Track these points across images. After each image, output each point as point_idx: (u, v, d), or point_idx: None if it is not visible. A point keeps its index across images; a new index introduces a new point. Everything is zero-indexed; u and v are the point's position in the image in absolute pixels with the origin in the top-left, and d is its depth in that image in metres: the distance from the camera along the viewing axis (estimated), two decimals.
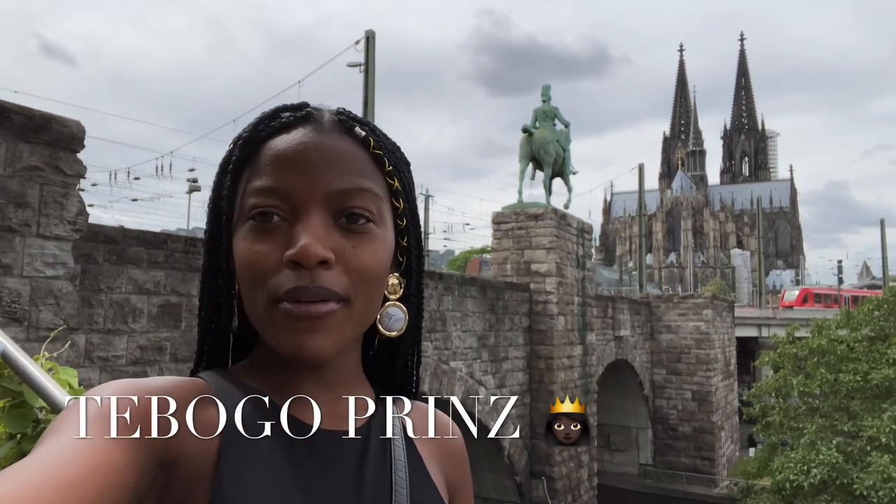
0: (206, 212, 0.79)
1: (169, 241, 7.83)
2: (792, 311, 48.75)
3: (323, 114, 0.77)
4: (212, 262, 0.79)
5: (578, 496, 17.93)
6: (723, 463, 28.74)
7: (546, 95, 19.90)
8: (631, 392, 27.63)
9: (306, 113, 0.76)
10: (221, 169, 0.77)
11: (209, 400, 0.69)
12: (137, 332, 7.32)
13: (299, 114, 0.75)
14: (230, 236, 0.75)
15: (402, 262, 0.82)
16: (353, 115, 0.79)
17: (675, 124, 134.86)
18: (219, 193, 0.77)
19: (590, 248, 20.51)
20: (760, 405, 19.78)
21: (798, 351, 19.27)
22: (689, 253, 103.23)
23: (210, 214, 0.79)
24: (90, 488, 0.51)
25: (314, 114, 0.76)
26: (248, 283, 0.70)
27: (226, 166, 0.76)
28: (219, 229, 0.77)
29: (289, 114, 0.75)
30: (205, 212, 0.81)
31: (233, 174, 0.75)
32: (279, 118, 0.75)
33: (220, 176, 0.77)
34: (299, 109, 0.76)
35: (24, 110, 5.09)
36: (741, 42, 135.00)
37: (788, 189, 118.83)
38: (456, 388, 13.72)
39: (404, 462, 0.77)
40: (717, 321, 28.87)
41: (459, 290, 14.20)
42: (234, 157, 0.75)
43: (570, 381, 17.69)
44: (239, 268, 0.72)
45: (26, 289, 5.02)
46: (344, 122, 0.76)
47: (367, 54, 17.07)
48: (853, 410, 17.08)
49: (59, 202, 5.25)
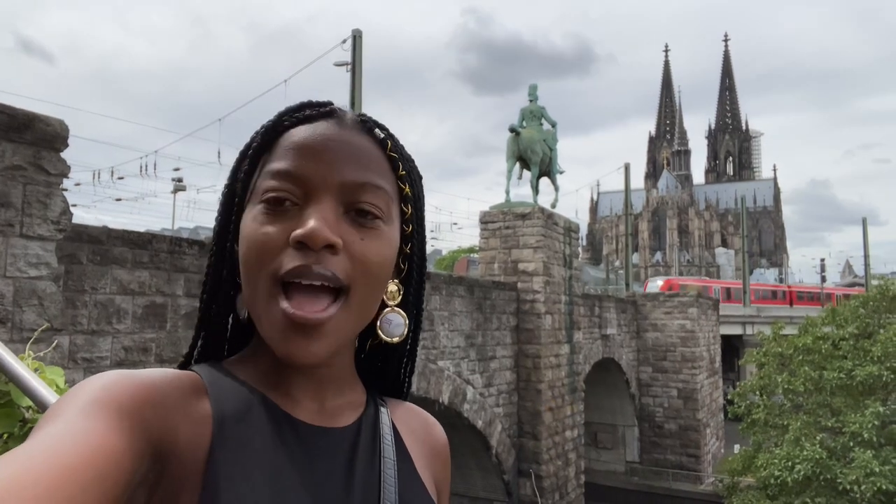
0: (221, 196, 0.80)
1: (154, 242, 7.76)
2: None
3: (346, 113, 0.79)
4: (220, 244, 0.79)
5: (566, 494, 18.00)
6: (708, 460, 29.00)
7: (533, 95, 19.95)
8: (617, 390, 27.80)
9: (330, 110, 0.78)
10: (241, 154, 0.79)
11: (202, 393, 0.69)
12: (122, 333, 7.25)
13: (323, 109, 0.78)
14: (239, 218, 0.75)
15: (404, 269, 0.82)
16: (374, 119, 0.81)
17: (661, 124, 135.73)
18: (235, 177, 0.78)
19: (577, 247, 20.59)
20: (745, 403, 19.96)
21: (783, 349, 19.47)
22: (674, 252, 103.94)
23: (224, 197, 0.79)
24: (89, 473, 0.51)
25: (338, 111, 0.79)
26: (250, 265, 0.70)
27: (246, 151, 0.78)
28: (230, 211, 0.78)
29: (313, 109, 0.78)
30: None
31: (251, 158, 0.76)
32: (303, 111, 0.77)
33: (239, 160, 0.79)
34: (324, 106, 0.79)
35: (6, 109, 5.03)
36: (725, 43, 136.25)
37: (772, 188, 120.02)
38: (444, 387, 13.72)
39: (393, 459, 0.77)
40: (703, 319, 29.11)
41: (447, 290, 14.21)
42: (255, 143, 0.76)
43: (557, 380, 17.75)
44: (243, 249, 0.72)
45: (10, 289, 4.96)
46: (365, 122, 0.79)
47: (353, 53, 17.02)
48: (837, 407, 17.28)
49: (43, 202, 5.19)
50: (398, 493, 0.74)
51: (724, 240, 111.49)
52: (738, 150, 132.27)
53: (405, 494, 0.75)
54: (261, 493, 0.64)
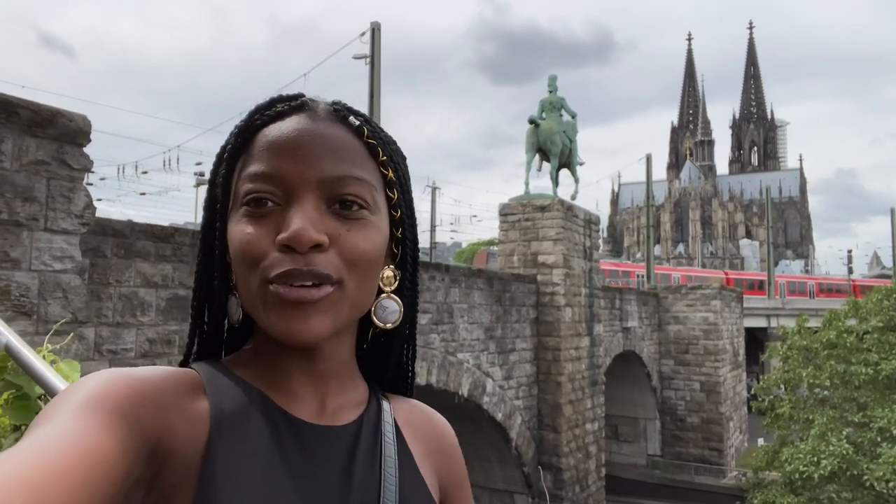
0: (203, 203, 0.80)
1: (176, 235, 7.86)
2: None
3: (318, 104, 0.77)
4: (205, 251, 0.79)
5: (586, 487, 17.96)
6: (731, 453, 28.71)
7: (552, 86, 19.79)
8: (639, 383, 27.62)
9: (301, 103, 0.76)
10: (217, 159, 0.78)
11: (200, 390, 0.69)
12: (146, 326, 7.36)
13: (294, 103, 0.76)
14: (224, 224, 0.75)
15: (397, 253, 0.81)
16: (348, 106, 0.79)
17: (683, 114, 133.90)
18: (214, 182, 0.77)
19: (597, 239, 20.43)
20: (770, 397, 19.72)
21: (808, 343, 19.19)
22: (697, 243, 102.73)
23: (206, 204, 0.79)
24: (80, 477, 0.51)
25: (309, 103, 0.77)
26: (241, 267, 0.70)
27: (221, 155, 0.77)
28: (213, 217, 0.77)
29: (284, 104, 0.76)
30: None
31: (228, 162, 0.75)
32: (274, 108, 0.76)
33: (216, 166, 0.78)
34: (294, 100, 0.77)
35: (30, 105, 5.11)
36: (750, 30, 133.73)
37: (798, 178, 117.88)
38: (463, 379, 13.74)
39: (394, 458, 0.76)
40: (726, 312, 28.76)
41: (466, 282, 14.20)
42: (230, 146, 0.75)
43: (577, 373, 17.68)
44: (233, 252, 0.72)
45: (34, 283, 5.05)
46: (339, 111, 0.77)
47: (372, 46, 17.02)
48: (863, 401, 17.00)
49: (67, 196, 5.28)
50: (398, 493, 0.73)
51: (748, 231, 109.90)
52: (763, 140, 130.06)
53: (406, 494, 0.74)
54: (258, 492, 0.63)
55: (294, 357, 0.74)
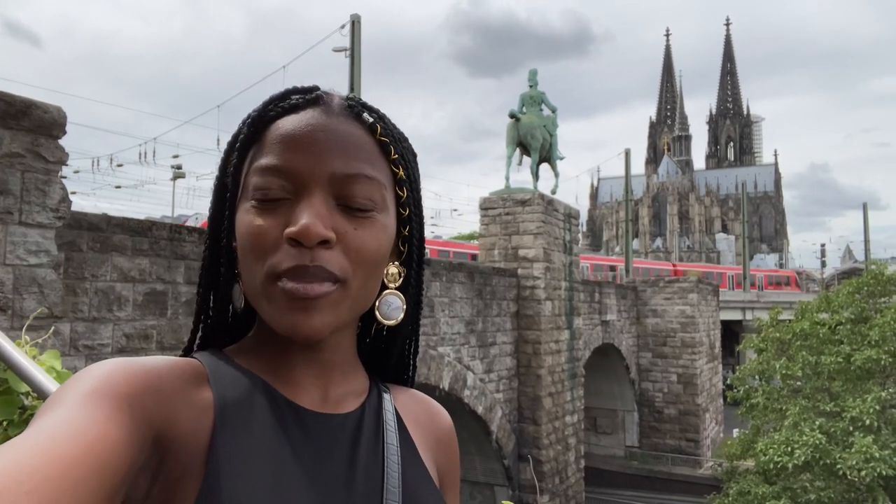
0: (212, 190, 0.80)
1: (154, 229, 7.75)
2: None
3: (333, 98, 0.77)
4: (213, 239, 0.79)
5: (566, 478, 18.14)
6: (707, 444, 29.19)
7: (533, 80, 19.85)
8: (617, 375, 27.93)
9: (316, 96, 0.76)
10: (229, 147, 0.78)
11: (204, 380, 0.69)
12: (123, 321, 7.26)
13: (309, 96, 0.76)
14: (233, 213, 0.75)
15: (403, 251, 0.82)
16: (363, 101, 0.79)
17: (662, 109, 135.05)
18: (225, 171, 0.78)
19: (577, 233, 20.57)
20: (744, 388, 20.04)
21: (781, 335, 19.52)
22: (674, 237, 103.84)
23: (215, 192, 0.79)
24: (87, 464, 0.51)
25: (324, 97, 0.77)
26: (247, 258, 0.71)
27: (233, 144, 0.77)
28: (223, 206, 0.78)
29: (299, 96, 0.76)
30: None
31: (240, 152, 0.76)
32: (289, 99, 0.76)
33: (227, 154, 0.78)
34: (309, 92, 0.77)
35: (4, 96, 5.00)
36: (727, 27, 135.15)
37: (773, 174, 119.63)
38: (444, 373, 13.78)
39: (397, 446, 0.77)
40: (703, 305, 29.17)
41: (447, 276, 14.22)
42: (242, 135, 0.76)
43: (557, 366, 17.82)
44: (240, 242, 0.72)
45: (9, 277, 4.96)
46: (353, 107, 0.77)
47: (352, 38, 16.91)
48: (835, 392, 17.35)
49: (42, 189, 5.18)
50: (401, 480, 0.75)
51: (724, 225, 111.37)
52: (739, 136, 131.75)
53: (408, 481, 0.75)
54: (262, 479, 0.64)
55: (297, 347, 0.74)
